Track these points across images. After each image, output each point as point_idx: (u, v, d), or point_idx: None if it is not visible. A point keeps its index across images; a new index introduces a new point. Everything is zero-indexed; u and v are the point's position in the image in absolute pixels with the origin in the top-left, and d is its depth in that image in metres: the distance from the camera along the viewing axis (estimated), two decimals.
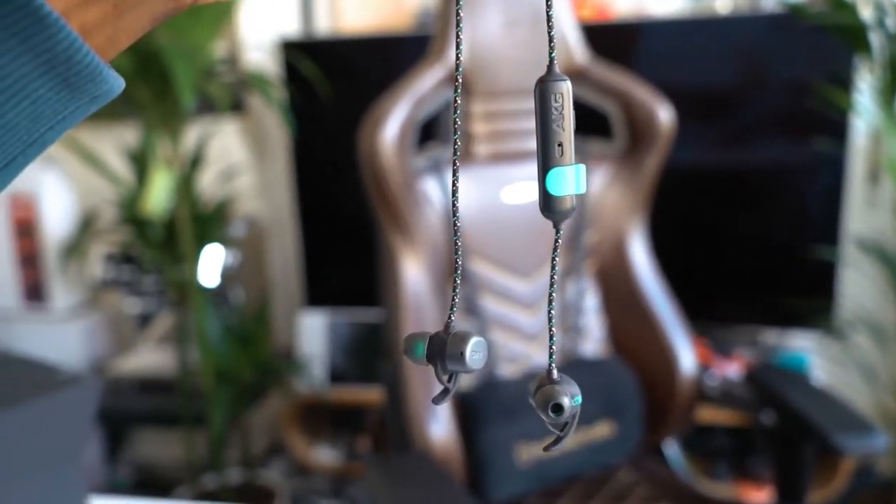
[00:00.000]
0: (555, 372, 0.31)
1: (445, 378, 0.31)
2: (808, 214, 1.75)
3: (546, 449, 0.32)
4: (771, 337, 1.88)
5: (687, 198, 1.77)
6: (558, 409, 0.30)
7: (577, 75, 1.18)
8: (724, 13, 1.83)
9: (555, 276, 0.31)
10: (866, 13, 1.43)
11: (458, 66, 0.28)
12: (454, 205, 0.30)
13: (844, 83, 1.58)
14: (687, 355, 1.20)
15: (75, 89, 0.25)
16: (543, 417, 0.30)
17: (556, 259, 0.30)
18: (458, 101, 0.28)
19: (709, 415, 1.72)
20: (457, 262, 0.30)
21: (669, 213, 1.49)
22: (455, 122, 0.29)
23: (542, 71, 0.30)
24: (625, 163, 1.23)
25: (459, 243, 0.31)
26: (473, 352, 0.30)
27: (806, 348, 1.84)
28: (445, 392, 0.32)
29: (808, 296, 1.71)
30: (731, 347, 1.87)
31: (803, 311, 1.70)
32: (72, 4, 0.24)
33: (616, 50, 1.64)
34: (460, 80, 0.28)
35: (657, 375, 1.21)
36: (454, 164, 0.30)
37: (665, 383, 1.20)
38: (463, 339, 0.30)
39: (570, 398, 0.30)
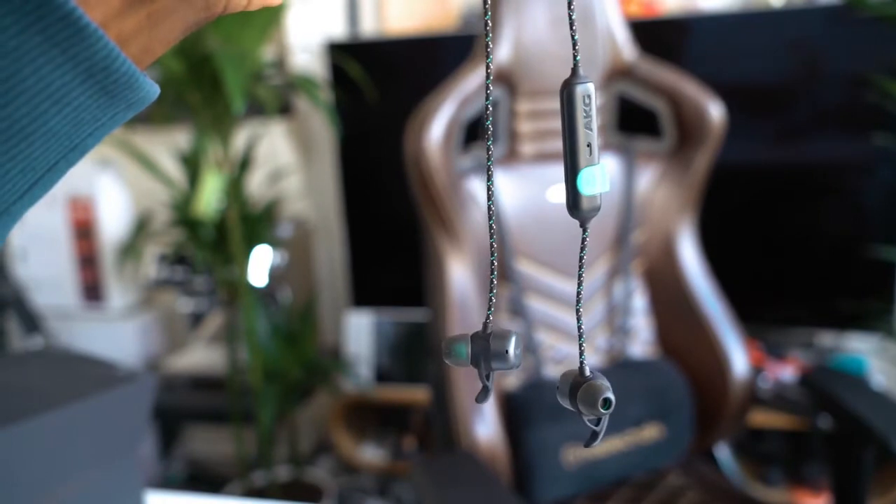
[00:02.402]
0: (587, 368, 0.31)
1: (486, 377, 0.32)
2: (865, 212, 1.69)
3: (587, 445, 0.32)
4: (827, 339, 1.82)
5: (739, 196, 1.73)
6: (607, 403, 0.30)
7: (624, 73, 1.17)
8: (777, 6, 1.78)
9: (582, 276, 0.32)
10: None
11: (488, 75, 0.28)
12: (490, 209, 0.31)
13: None
14: (739, 357, 1.17)
15: (113, 96, 0.26)
16: (588, 413, 0.30)
17: (584, 258, 0.31)
18: (489, 109, 0.28)
19: (762, 418, 1.68)
20: (493, 264, 0.30)
21: (721, 211, 1.46)
22: (487, 131, 0.29)
23: (589, 69, 0.30)
24: (674, 161, 1.20)
25: (495, 246, 0.31)
26: (516, 348, 0.31)
27: (864, 351, 1.77)
28: (486, 390, 0.32)
29: (866, 297, 1.66)
30: (786, 350, 1.82)
31: (861, 313, 1.65)
32: (109, 15, 0.25)
33: (665, 46, 1.61)
34: (490, 90, 0.28)
35: (708, 378, 1.18)
36: (488, 170, 0.30)
37: (716, 386, 1.17)
38: (504, 337, 0.31)
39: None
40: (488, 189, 0.30)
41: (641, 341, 1.23)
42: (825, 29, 1.63)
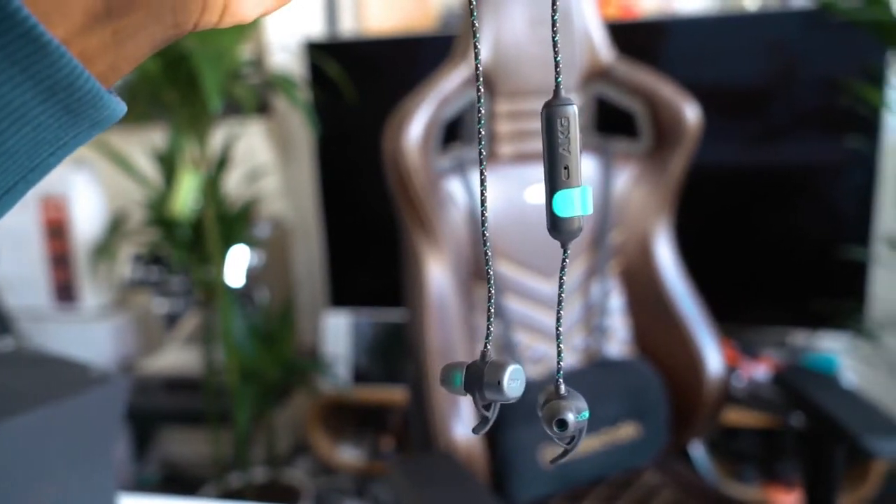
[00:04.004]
0: (562, 387, 0.31)
1: (484, 407, 0.31)
2: (838, 213, 1.72)
3: (553, 462, 0.32)
4: (800, 338, 1.85)
5: (714, 197, 1.75)
6: (562, 424, 0.30)
7: (602, 74, 1.18)
8: (753, 10, 1.80)
9: (562, 296, 0.31)
10: None
11: (477, 76, 0.28)
12: (484, 236, 0.30)
13: (876, 80, 1.55)
14: (714, 357, 1.18)
15: (76, 115, 0.25)
16: (548, 432, 0.30)
17: (564, 280, 0.31)
18: (482, 111, 0.28)
19: (736, 417, 1.70)
20: (490, 292, 0.30)
21: (696, 212, 1.48)
22: (479, 137, 0.29)
23: (567, 70, 0.30)
24: (650, 162, 1.22)
25: (492, 281, 0.31)
26: (511, 380, 0.30)
27: (836, 350, 1.81)
28: (485, 421, 0.32)
29: (837, 296, 1.69)
30: (759, 349, 1.84)
31: (833, 312, 1.68)
32: (72, 32, 0.24)
33: (642, 48, 1.62)
34: (482, 90, 0.28)
35: (683, 377, 1.19)
36: (482, 179, 0.30)
37: (691, 385, 1.19)
38: (500, 367, 0.30)
39: (576, 413, 0.30)
40: (482, 204, 0.30)
41: (618, 341, 1.24)
42: (799, 33, 1.66)
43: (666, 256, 1.22)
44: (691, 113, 1.16)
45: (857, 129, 1.61)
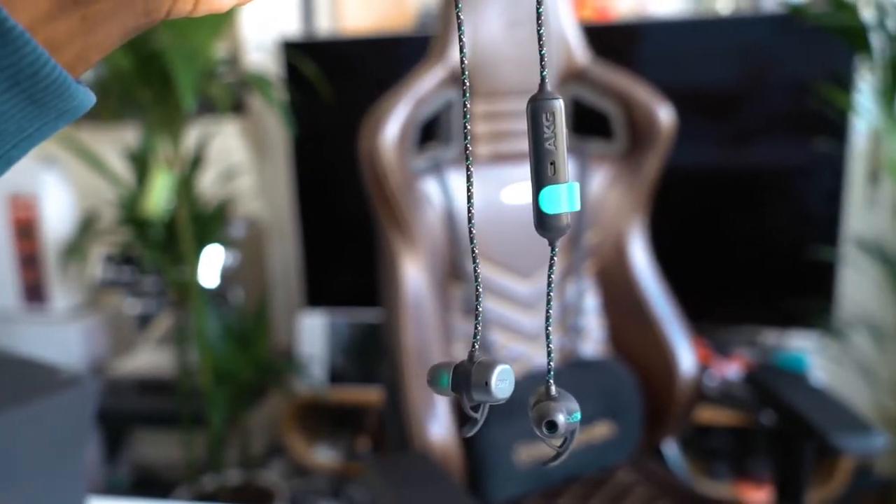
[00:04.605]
0: (553, 388, 0.30)
1: (472, 408, 0.31)
2: (808, 215, 1.75)
3: (545, 464, 0.31)
4: (771, 337, 1.88)
5: (687, 198, 1.77)
6: (552, 426, 0.29)
7: (577, 76, 1.18)
8: (725, 14, 1.83)
9: (551, 295, 0.30)
10: (867, 14, 1.43)
11: (463, 70, 0.28)
12: (471, 233, 0.30)
13: (845, 84, 1.58)
14: (687, 356, 1.20)
15: (41, 105, 0.24)
16: (538, 434, 0.30)
17: (552, 278, 0.30)
18: (467, 111, 0.28)
19: (708, 415, 1.72)
20: (478, 292, 0.30)
21: (670, 213, 1.49)
22: (465, 132, 0.29)
23: (547, 72, 0.30)
24: (625, 163, 1.23)
25: (479, 279, 0.30)
26: (499, 381, 0.29)
27: (805, 348, 1.84)
28: (474, 422, 0.31)
29: (807, 296, 1.72)
30: (731, 348, 1.87)
31: (803, 312, 1.71)
32: (38, 18, 0.23)
33: (617, 50, 1.64)
34: (468, 85, 0.28)
35: (657, 376, 1.21)
36: (468, 182, 0.30)
37: (665, 384, 1.20)
38: (488, 367, 0.29)
39: (567, 415, 0.30)
40: (469, 200, 0.30)
41: (593, 341, 1.25)
42: (770, 37, 1.68)
43: (640, 257, 1.24)
44: (665, 115, 1.17)
45: (826, 133, 1.64)
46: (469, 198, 0.30)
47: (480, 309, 0.30)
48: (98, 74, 1.73)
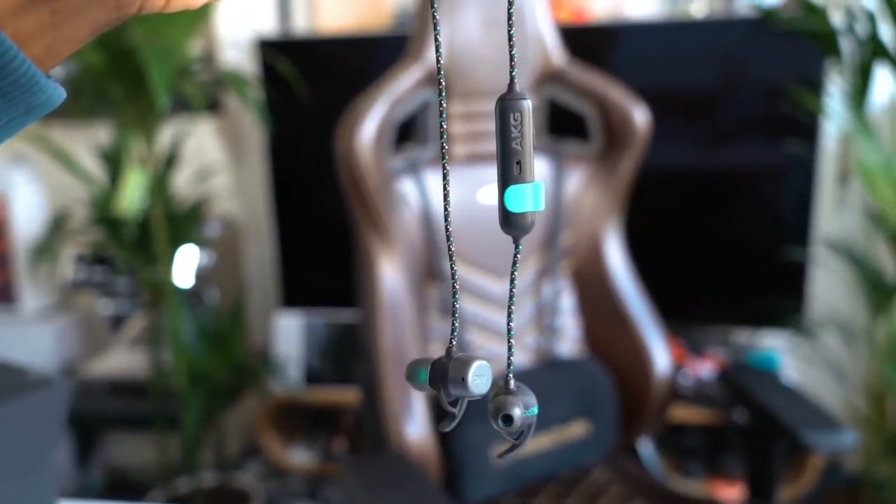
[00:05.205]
0: (512, 382, 0.31)
1: (450, 403, 0.31)
2: (779, 216, 1.78)
3: (500, 456, 0.32)
4: (743, 336, 1.90)
5: (661, 199, 1.79)
6: (508, 419, 0.30)
7: (553, 77, 1.19)
8: (699, 17, 1.85)
9: (514, 291, 0.31)
10: (837, 18, 1.46)
11: (439, 69, 0.28)
12: (447, 230, 0.30)
13: (815, 87, 1.61)
14: (661, 355, 1.21)
15: (9, 100, 0.24)
16: (495, 426, 0.30)
17: (515, 275, 0.31)
18: (444, 109, 0.28)
19: (682, 414, 1.74)
20: (454, 292, 0.30)
21: (644, 214, 1.51)
22: (441, 130, 0.29)
23: (520, 72, 0.30)
24: (601, 164, 1.24)
25: (456, 275, 0.31)
26: (476, 376, 0.30)
27: (777, 347, 1.87)
28: (452, 417, 0.31)
29: (779, 296, 1.74)
30: (705, 347, 1.89)
31: (775, 312, 1.73)
32: (6, 12, 0.23)
33: (593, 52, 1.65)
34: (443, 84, 0.28)
35: (632, 375, 1.22)
36: (445, 180, 0.30)
37: (640, 383, 1.21)
38: (465, 363, 0.30)
39: (523, 409, 0.30)
40: (445, 199, 0.30)
41: (569, 340, 1.25)
42: (743, 40, 1.71)
43: (616, 257, 1.25)
44: (640, 116, 1.18)
45: (797, 135, 1.66)
46: (445, 195, 0.30)
47: (458, 305, 0.31)
48: (70, 72, 1.70)
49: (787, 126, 1.67)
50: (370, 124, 1.04)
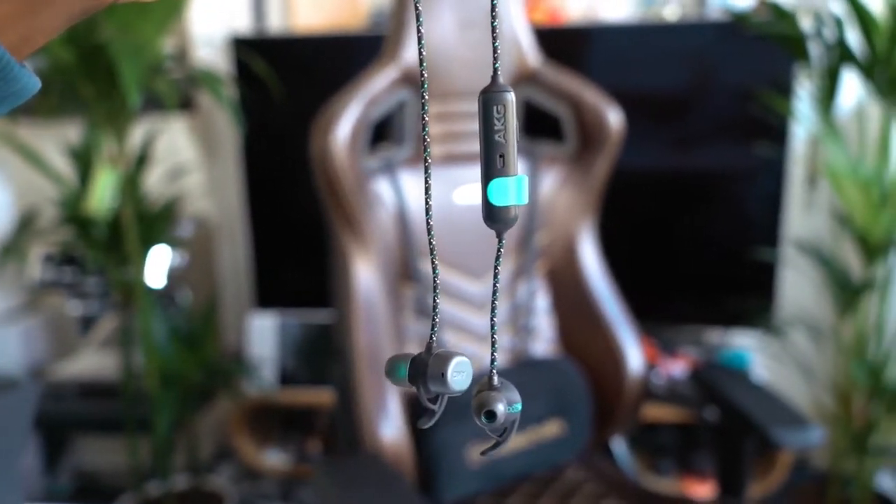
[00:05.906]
0: (495, 378, 0.31)
1: (429, 400, 0.31)
2: (749, 217, 1.81)
3: (483, 453, 0.32)
4: (715, 336, 1.93)
5: (634, 200, 1.81)
6: (491, 415, 0.30)
7: (529, 78, 1.20)
8: (672, 20, 1.87)
9: (497, 286, 0.31)
10: (806, 23, 1.48)
11: (421, 61, 0.28)
12: (428, 223, 0.30)
13: (785, 90, 1.63)
14: (635, 355, 1.22)
15: None
16: (478, 423, 0.30)
17: (499, 269, 0.30)
18: (426, 101, 0.28)
19: (655, 412, 1.76)
20: (435, 284, 0.30)
21: (618, 214, 1.52)
22: (423, 123, 0.29)
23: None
24: (576, 165, 1.25)
25: (437, 273, 0.31)
26: (455, 372, 0.30)
27: (748, 346, 1.90)
28: (430, 413, 0.31)
29: (749, 296, 1.77)
30: (677, 346, 1.91)
31: (745, 311, 1.76)
32: None
33: (567, 54, 1.66)
34: (426, 75, 0.28)
35: (605, 374, 1.23)
36: (426, 174, 0.30)
37: (613, 382, 1.22)
38: (445, 359, 0.30)
39: (507, 405, 0.30)
40: (426, 192, 0.30)
41: (543, 340, 1.26)
42: (715, 43, 1.73)
43: (590, 258, 1.26)
44: (614, 118, 1.19)
45: (767, 137, 1.69)
46: (427, 189, 0.30)
47: (438, 301, 0.31)
48: (39, 68, 1.67)
49: (758, 129, 1.69)
50: (345, 124, 1.04)
